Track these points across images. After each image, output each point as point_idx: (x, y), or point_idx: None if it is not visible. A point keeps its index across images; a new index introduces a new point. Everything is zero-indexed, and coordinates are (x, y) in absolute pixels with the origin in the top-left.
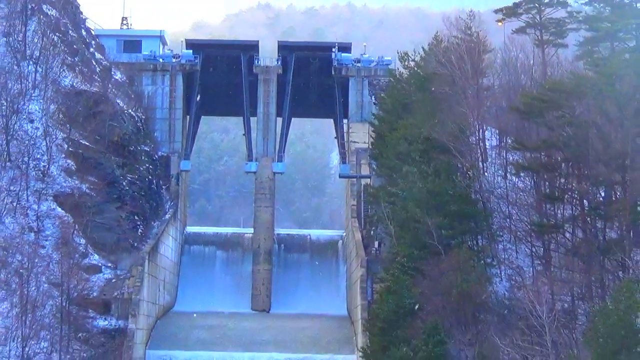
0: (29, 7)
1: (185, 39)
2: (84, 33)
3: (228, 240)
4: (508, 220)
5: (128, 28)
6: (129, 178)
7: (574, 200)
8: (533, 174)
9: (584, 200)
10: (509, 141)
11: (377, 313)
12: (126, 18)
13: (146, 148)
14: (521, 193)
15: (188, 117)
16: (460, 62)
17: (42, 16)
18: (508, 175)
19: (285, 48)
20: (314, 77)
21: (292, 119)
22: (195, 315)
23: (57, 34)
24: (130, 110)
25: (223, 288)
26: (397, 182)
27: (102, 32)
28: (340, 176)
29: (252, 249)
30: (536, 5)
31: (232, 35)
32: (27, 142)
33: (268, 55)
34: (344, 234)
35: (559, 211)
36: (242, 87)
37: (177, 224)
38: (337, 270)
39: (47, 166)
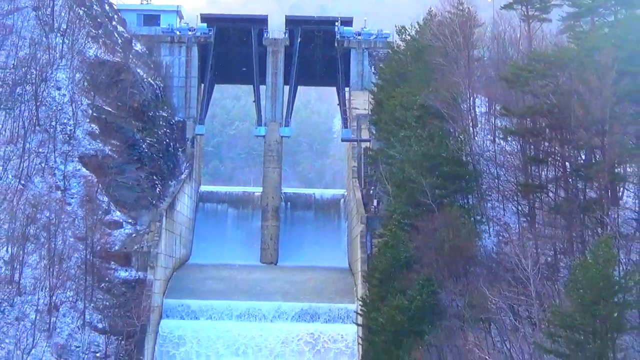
0: None
1: (200, 14)
2: (107, 7)
3: (239, 198)
4: (496, 180)
5: (148, 3)
6: (148, 141)
7: (557, 163)
8: (519, 138)
9: (566, 163)
10: (498, 108)
11: (375, 266)
12: None
13: (164, 114)
14: (508, 156)
15: (202, 85)
16: (453, 35)
17: None
18: (496, 139)
19: (292, 22)
20: (318, 48)
21: (298, 87)
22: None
23: (82, 8)
24: (149, 79)
25: (234, 242)
26: (395, 146)
27: (124, 7)
28: (342, 140)
29: (261, 206)
30: None
31: (243, 10)
32: (54, 108)
33: (276, 29)
34: (346, 193)
35: (543, 172)
36: (252, 58)
37: (192, 184)
38: (339, 226)
39: (73, 130)
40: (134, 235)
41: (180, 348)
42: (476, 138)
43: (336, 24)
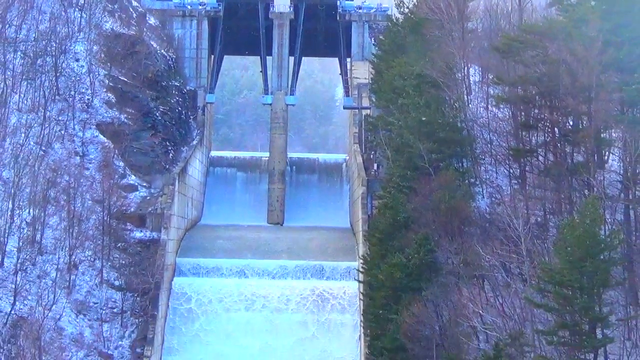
0: None
1: None
2: None
3: (247, 162)
4: (489, 145)
5: None
6: (161, 109)
7: (546, 128)
8: (511, 106)
9: (555, 128)
10: (490, 77)
11: (376, 226)
12: None
13: (176, 83)
14: (500, 122)
15: (212, 56)
16: (448, 8)
17: None
18: (489, 106)
19: None
20: (321, 22)
21: (303, 58)
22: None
23: None
24: (162, 51)
25: (243, 204)
26: (393, 113)
27: None
28: (344, 107)
29: (268, 170)
30: None
31: None
32: (73, 78)
33: (282, 3)
34: (347, 157)
35: (533, 137)
36: (259, 30)
37: (203, 149)
38: (341, 188)
39: (90, 99)
40: (148, 198)
41: (192, 303)
42: (470, 105)
43: None
